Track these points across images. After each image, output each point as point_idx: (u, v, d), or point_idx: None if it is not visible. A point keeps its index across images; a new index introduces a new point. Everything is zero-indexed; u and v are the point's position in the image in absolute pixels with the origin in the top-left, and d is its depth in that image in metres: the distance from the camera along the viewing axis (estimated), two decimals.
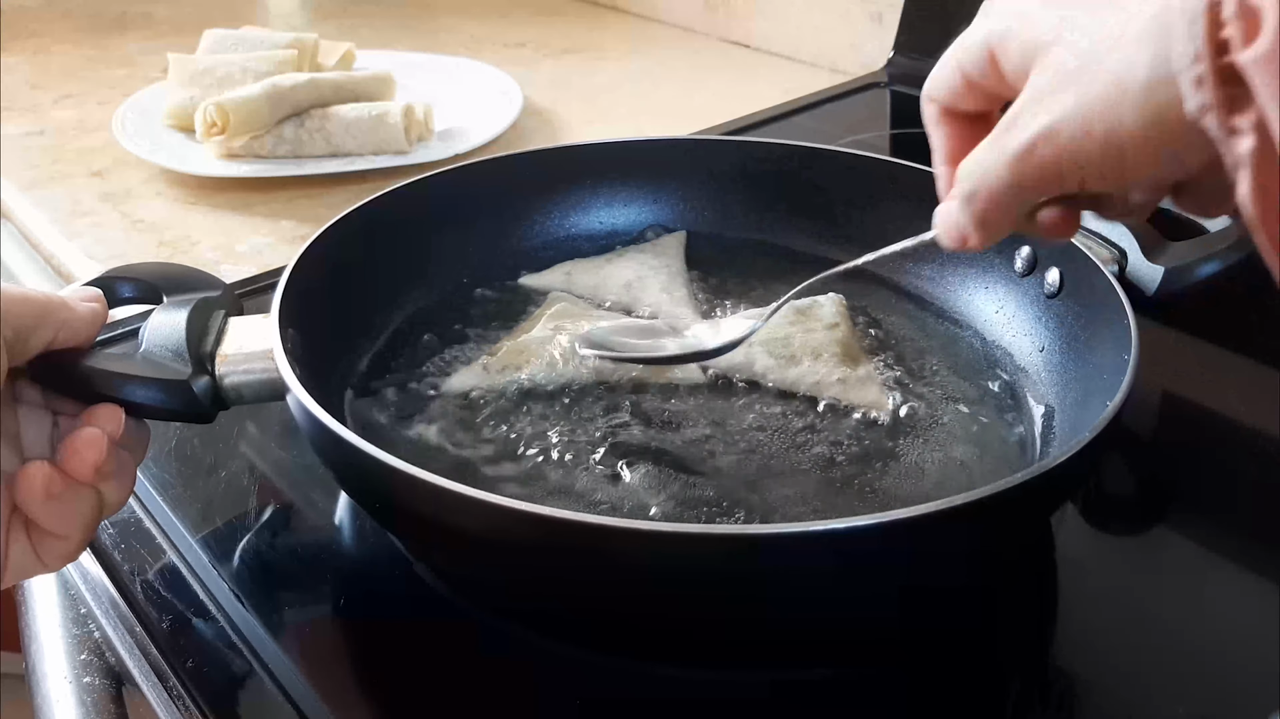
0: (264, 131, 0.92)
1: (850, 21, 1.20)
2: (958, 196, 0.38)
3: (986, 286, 0.64)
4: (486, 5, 1.52)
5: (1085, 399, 0.52)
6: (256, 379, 0.47)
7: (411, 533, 0.47)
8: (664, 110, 1.12)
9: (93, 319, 0.45)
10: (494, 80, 1.12)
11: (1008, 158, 0.35)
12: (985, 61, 0.38)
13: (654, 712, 0.43)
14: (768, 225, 0.72)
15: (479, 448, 0.54)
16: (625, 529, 0.39)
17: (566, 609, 0.45)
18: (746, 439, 0.55)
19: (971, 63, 0.39)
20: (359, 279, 0.61)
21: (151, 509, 0.53)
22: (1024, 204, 0.37)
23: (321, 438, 0.44)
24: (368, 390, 0.58)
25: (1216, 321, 0.67)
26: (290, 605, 0.48)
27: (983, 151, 0.37)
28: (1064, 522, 0.52)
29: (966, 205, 0.38)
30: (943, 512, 0.38)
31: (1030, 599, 0.49)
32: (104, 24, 1.40)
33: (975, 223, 0.38)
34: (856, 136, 0.95)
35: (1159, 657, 0.45)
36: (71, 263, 0.81)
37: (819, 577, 0.40)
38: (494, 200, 0.70)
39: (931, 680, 0.44)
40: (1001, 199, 0.37)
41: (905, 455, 0.54)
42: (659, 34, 1.41)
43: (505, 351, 0.60)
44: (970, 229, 0.38)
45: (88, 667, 0.48)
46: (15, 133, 1.03)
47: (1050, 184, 0.35)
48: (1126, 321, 0.49)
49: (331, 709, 0.42)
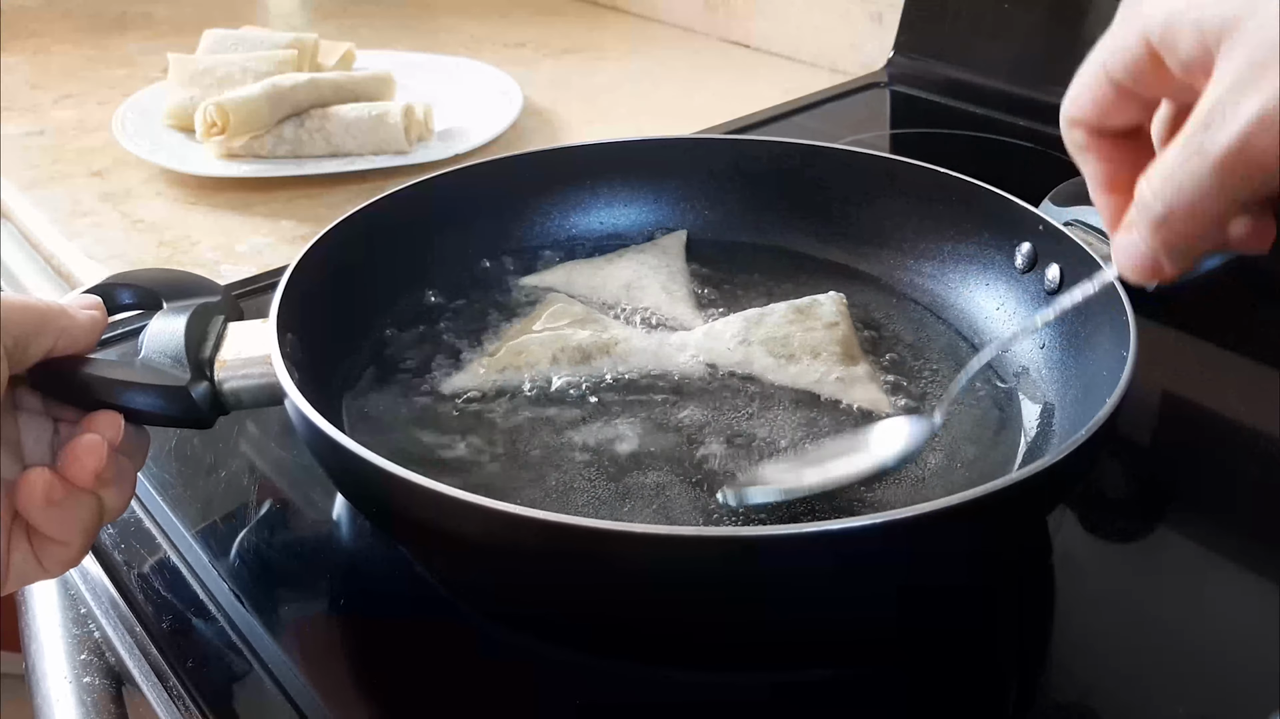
0: (264, 131, 0.92)
1: (850, 21, 1.20)
2: (1147, 222, 0.34)
3: (987, 283, 0.64)
4: (486, 5, 1.52)
5: (1085, 396, 0.52)
6: (255, 384, 0.47)
7: (410, 538, 0.47)
8: (664, 110, 1.12)
9: (92, 326, 0.45)
10: (494, 80, 1.12)
11: (1214, 159, 0.31)
12: (1144, 60, 0.34)
13: (653, 714, 0.43)
14: (767, 224, 0.72)
15: (478, 450, 0.54)
16: (625, 533, 0.39)
17: (566, 612, 0.45)
18: (745, 438, 0.55)
19: (1125, 67, 0.35)
20: (358, 281, 0.61)
21: (151, 509, 0.53)
22: (1232, 214, 0.33)
23: (319, 443, 0.44)
24: (366, 393, 0.58)
25: (1215, 319, 0.67)
26: (289, 605, 0.48)
27: (1173, 163, 0.32)
28: (1062, 521, 0.52)
29: (1161, 229, 0.33)
30: (942, 511, 0.37)
31: (1029, 600, 0.49)
32: (104, 24, 1.40)
33: (1170, 249, 0.34)
34: (856, 136, 0.95)
35: (1158, 657, 0.45)
36: (71, 263, 0.81)
37: (818, 578, 0.40)
38: (494, 200, 0.70)
39: (931, 681, 0.44)
40: (1207, 212, 0.32)
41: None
42: (659, 34, 1.41)
43: (504, 352, 0.60)
44: (1164, 257, 0.34)
45: (88, 666, 0.48)
46: (15, 133, 1.03)
47: (1265, 182, 0.31)
48: (1126, 318, 0.49)
49: (331, 708, 0.42)
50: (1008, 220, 0.62)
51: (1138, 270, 0.36)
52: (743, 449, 0.54)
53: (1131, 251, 0.35)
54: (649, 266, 0.68)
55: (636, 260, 0.69)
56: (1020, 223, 0.60)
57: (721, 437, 0.55)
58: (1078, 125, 0.38)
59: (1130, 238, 0.35)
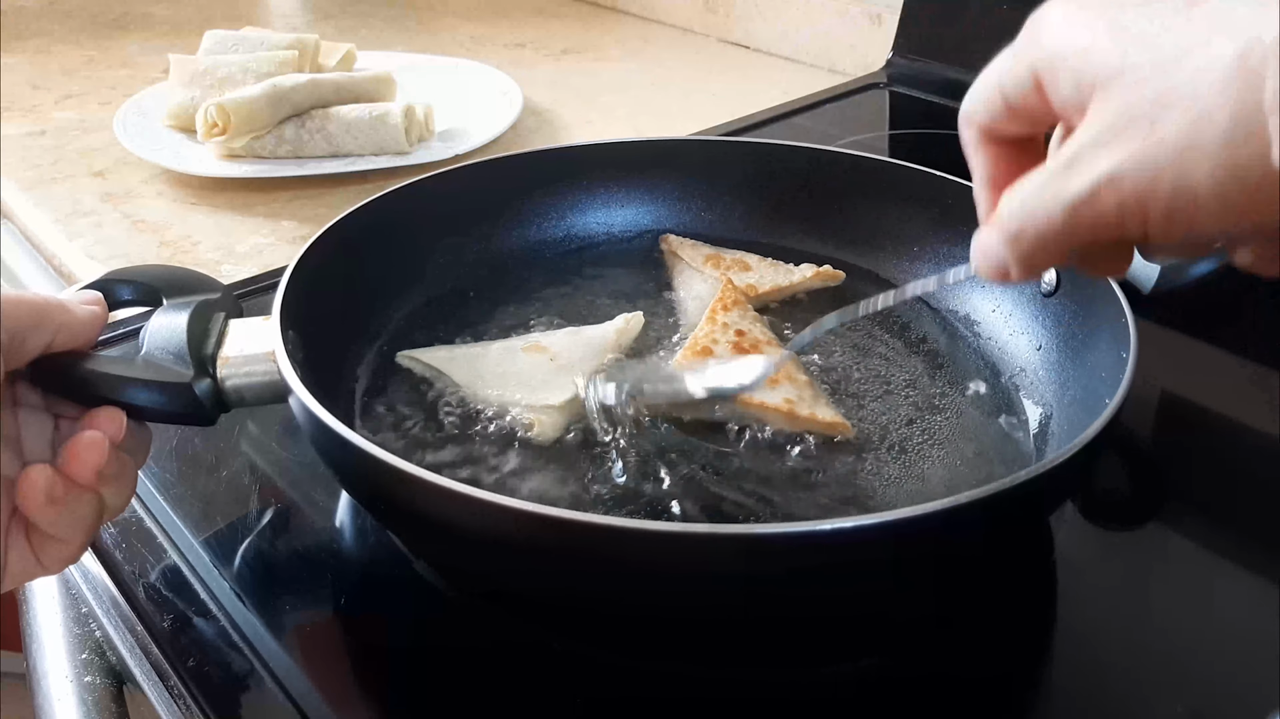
0: (265, 132, 0.92)
1: (850, 22, 1.20)
2: (1002, 233, 0.36)
3: (983, 285, 0.64)
4: (486, 5, 1.52)
5: (1083, 397, 0.52)
6: (258, 381, 0.47)
7: (414, 533, 0.48)
8: (664, 110, 1.12)
9: (92, 321, 0.45)
10: (494, 80, 1.12)
11: (1065, 203, 0.33)
12: (1030, 88, 0.35)
13: (656, 710, 0.43)
14: (766, 225, 0.72)
15: (481, 447, 0.54)
16: (632, 530, 0.39)
17: (569, 608, 0.46)
18: (747, 442, 0.55)
19: (1014, 87, 0.36)
20: (359, 280, 0.61)
21: (153, 509, 0.53)
22: (1074, 248, 0.35)
23: (325, 439, 0.44)
24: (369, 391, 0.58)
25: (1212, 319, 0.67)
26: (291, 605, 0.48)
27: (1033, 191, 0.34)
28: (1063, 520, 0.52)
29: (1012, 244, 0.36)
30: (943, 511, 0.38)
31: (1030, 598, 0.49)
32: (104, 24, 1.40)
33: (1018, 260, 0.36)
34: (855, 137, 0.96)
35: (1158, 655, 0.45)
36: (72, 263, 0.81)
37: (819, 576, 0.40)
38: (494, 201, 0.70)
39: (930, 679, 0.44)
40: (1052, 243, 0.34)
41: (903, 455, 0.54)
42: (659, 34, 1.41)
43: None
44: (1012, 265, 0.36)
45: (89, 666, 0.48)
46: (16, 133, 1.03)
47: (1108, 231, 0.33)
48: (1124, 320, 0.49)
49: (333, 708, 0.42)
50: None
51: (989, 269, 0.37)
52: (746, 453, 0.54)
53: (986, 251, 0.37)
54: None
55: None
56: None
57: (722, 439, 0.55)
58: (971, 125, 0.39)
59: (991, 239, 0.37)
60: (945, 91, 1.04)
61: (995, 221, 0.36)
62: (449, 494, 0.39)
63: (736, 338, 0.60)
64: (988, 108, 0.38)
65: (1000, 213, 0.36)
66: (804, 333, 0.50)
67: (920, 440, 0.55)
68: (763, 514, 0.50)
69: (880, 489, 0.52)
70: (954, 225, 0.65)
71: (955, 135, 0.40)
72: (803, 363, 0.59)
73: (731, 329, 0.60)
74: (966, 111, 0.39)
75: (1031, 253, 0.35)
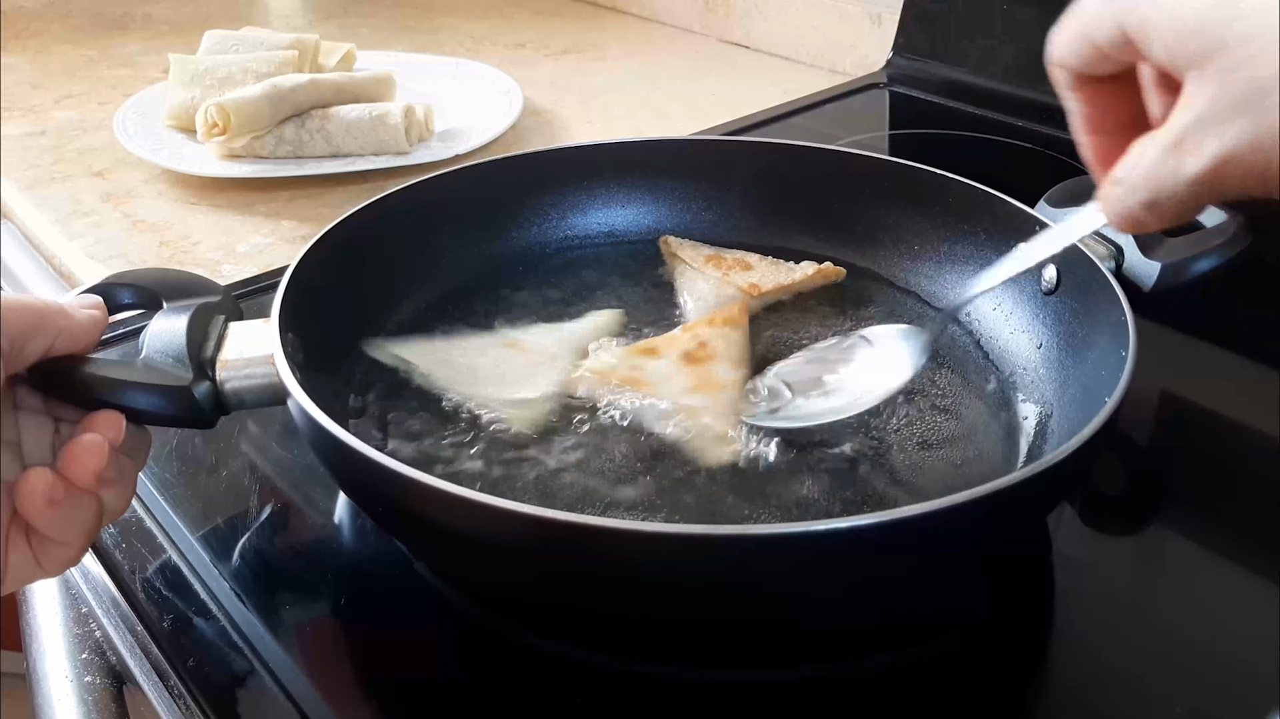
0: (265, 132, 0.92)
1: (850, 22, 1.20)
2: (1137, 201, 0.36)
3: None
4: (486, 5, 1.52)
5: (1083, 396, 0.52)
6: (258, 384, 0.47)
7: (414, 536, 0.48)
8: (664, 110, 1.12)
9: (92, 325, 0.45)
10: (494, 80, 1.12)
11: (1187, 180, 0.34)
12: (1119, 38, 0.35)
13: (654, 712, 0.43)
14: (766, 225, 0.72)
15: (481, 448, 0.54)
16: (631, 531, 0.39)
17: (568, 610, 0.46)
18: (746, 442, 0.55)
19: (1102, 35, 0.36)
20: (359, 281, 0.61)
21: (152, 508, 0.53)
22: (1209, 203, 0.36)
23: (323, 442, 0.44)
24: (367, 393, 0.58)
25: (1212, 318, 0.67)
26: (291, 604, 0.48)
27: (1151, 167, 0.35)
28: (1061, 520, 0.52)
29: (1149, 209, 0.36)
30: (942, 510, 0.38)
31: (1029, 598, 0.49)
32: (104, 24, 1.40)
33: (1159, 222, 0.37)
34: (855, 137, 0.95)
35: (1157, 655, 0.45)
36: (72, 263, 0.81)
37: (818, 576, 0.40)
38: (494, 201, 0.70)
39: (930, 679, 0.44)
40: (1185, 208, 0.36)
41: (902, 454, 0.54)
42: (658, 34, 1.41)
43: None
44: (1153, 225, 0.37)
45: (89, 666, 0.48)
46: (16, 133, 1.03)
47: (1238, 194, 0.34)
48: (1124, 318, 0.49)
49: (332, 708, 0.42)
50: (1004, 221, 0.62)
51: (1124, 221, 0.38)
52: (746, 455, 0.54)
53: (1119, 207, 0.38)
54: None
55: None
56: (1017, 223, 0.60)
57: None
58: (1061, 69, 0.39)
59: (1119, 193, 0.37)
60: (945, 91, 1.03)
61: (1128, 188, 0.37)
62: (445, 497, 0.39)
63: (696, 348, 0.60)
64: (1078, 54, 0.38)
65: (1129, 181, 0.36)
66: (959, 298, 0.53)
67: (919, 440, 0.55)
68: (762, 514, 0.50)
69: (879, 489, 0.51)
70: (954, 223, 0.66)
71: (955, 135, 0.40)
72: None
73: (698, 341, 0.60)
74: (1054, 55, 0.39)
75: (1166, 217, 0.36)
